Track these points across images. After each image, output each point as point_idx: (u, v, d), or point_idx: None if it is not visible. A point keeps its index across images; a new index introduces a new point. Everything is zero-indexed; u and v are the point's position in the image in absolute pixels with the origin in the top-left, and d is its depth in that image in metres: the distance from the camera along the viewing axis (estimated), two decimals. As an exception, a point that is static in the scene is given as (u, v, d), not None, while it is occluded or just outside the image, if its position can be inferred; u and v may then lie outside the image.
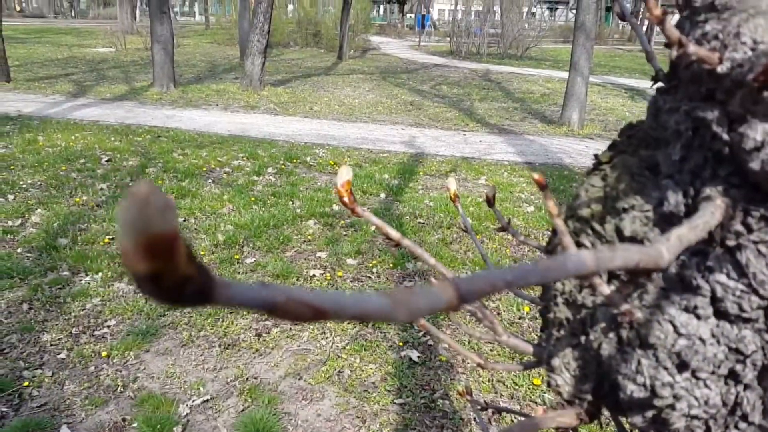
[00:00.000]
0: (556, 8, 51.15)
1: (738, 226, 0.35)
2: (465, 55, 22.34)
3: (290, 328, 3.35)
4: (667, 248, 0.29)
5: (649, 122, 0.42)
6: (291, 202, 5.36)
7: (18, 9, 47.88)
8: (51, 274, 3.78)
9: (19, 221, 4.60)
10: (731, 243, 0.36)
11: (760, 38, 0.32)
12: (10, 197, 5.08)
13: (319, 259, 4.26)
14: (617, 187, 0.42)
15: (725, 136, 0.34)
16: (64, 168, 5.94)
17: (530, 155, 7.79)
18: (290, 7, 27.59)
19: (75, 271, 3.87)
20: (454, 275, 0.61)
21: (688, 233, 0.31)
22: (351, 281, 3.97)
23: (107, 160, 6.34)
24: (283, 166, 6.54)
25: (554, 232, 0.46)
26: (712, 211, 0.34)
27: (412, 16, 41.74)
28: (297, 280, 3.90)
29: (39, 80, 12.13)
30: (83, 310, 3.43)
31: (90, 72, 14.02)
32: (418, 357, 3.12)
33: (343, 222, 4.91)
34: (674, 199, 0.38)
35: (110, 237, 4.36)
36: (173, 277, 0.12)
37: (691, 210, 0.37)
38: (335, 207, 5.23)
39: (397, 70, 17.58)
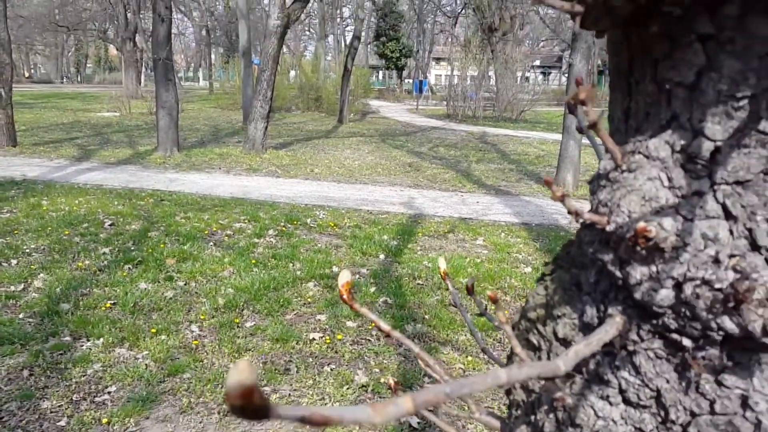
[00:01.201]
0: (549, 72, 52.95)
1: (634, 336, 0.46)
2: (461, 118, 23.03)
3: (289, 394, 3.37)
4: (564, 362, 0.40)
5: (576, 248, 0.53)
6: (291, 264, 5.45)
7: (27, 75, 49.55)
8: (52, 340, 3.83)
9: (22, 286, 4.67)
10: (630, 348, 0.47)
11: (632, 210, 0.44)
12: (14, 262, 5.17)
13: (318, 321, 4.31)
14: (554, 297, 0.53)
15: (617, 273, 0.45)
16: (67, 232, 6.06)
17: (527, 216, 7.95)
18: (292, 73, 28.58)
19: (76, 336, 3.91)
20: (436, 361, 0.70)
21: (583, 348, 0.42)
22: (351, 344, 4.01)
23: (110, 224, 6.47)
24: (283, 228, 6.66)
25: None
26: (607, 329, 0.45)
27: (410, 81, 43.23)
28: (296, 344, 3.94)
29: (44, 144, 12.47)
30: (84, 375, 3.46)
31: (95, 136, 14.41)
32: (418, 423, 3.14)
33: (342, 285, 4.98)
34: (590, 313, 0.49)
35: (111, 302, 4.43)
36: (252, 407, 0.22)
37: (601, 322, 0.48)
38: (335, 269, 5.32)
39: (396, 133, 18.07)
